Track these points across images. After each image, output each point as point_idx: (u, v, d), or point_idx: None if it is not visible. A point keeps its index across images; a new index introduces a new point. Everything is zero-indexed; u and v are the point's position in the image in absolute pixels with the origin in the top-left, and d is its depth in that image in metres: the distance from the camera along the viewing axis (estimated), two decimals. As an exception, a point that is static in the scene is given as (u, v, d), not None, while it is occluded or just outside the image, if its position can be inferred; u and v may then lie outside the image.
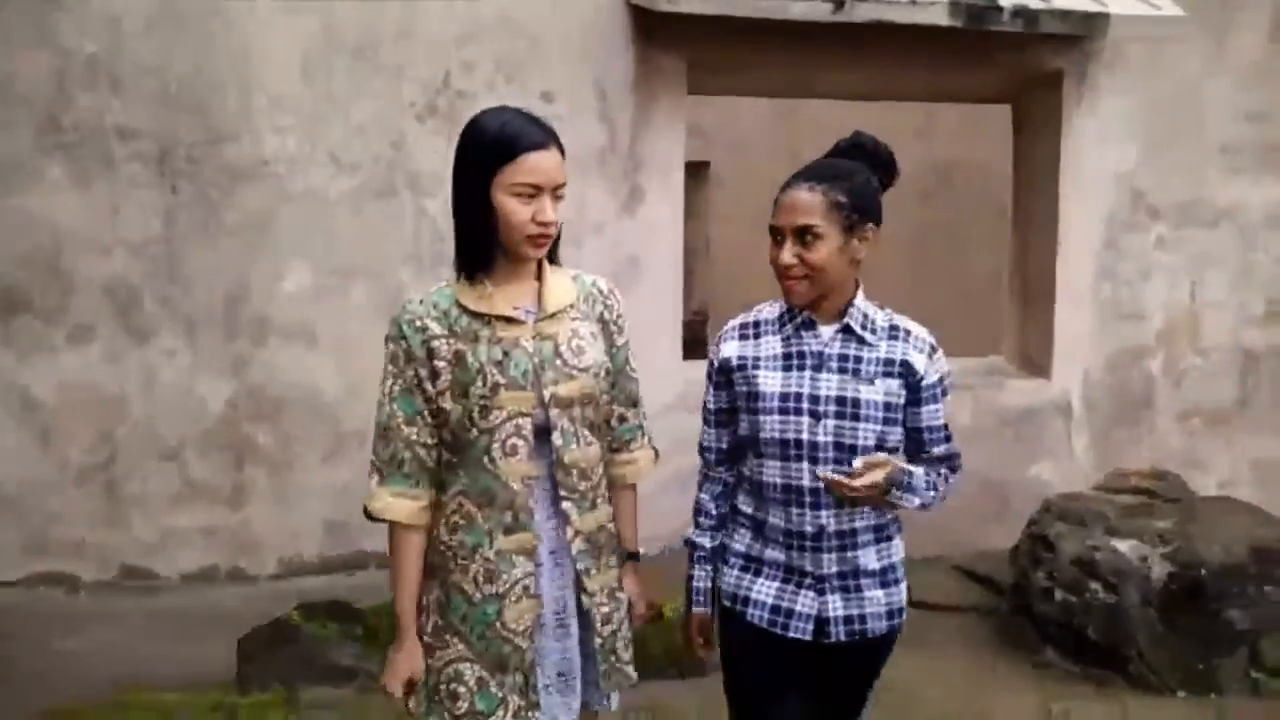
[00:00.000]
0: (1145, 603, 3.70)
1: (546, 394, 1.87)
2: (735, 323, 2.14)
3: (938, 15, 4.62)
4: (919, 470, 2.05)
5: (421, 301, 1.90)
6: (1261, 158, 5.33)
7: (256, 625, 3.63)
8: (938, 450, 2.11)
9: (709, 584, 2.17)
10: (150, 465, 4.44)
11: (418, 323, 1.87)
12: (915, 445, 2.10)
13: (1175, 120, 5.21)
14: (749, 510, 2.11)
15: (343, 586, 4.25)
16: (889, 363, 2.03)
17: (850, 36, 4.64)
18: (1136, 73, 5.14)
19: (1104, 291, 5.18)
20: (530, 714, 1.89)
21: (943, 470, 2.11)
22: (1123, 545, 3.81)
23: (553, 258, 1.96)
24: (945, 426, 2.12)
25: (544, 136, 1.84)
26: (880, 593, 2.07)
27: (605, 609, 1.98)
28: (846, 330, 2.04)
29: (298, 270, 4.49)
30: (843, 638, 2.04)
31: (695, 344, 6.09)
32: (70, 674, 3.63)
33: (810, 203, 1.99)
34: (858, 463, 1.96)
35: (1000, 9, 4.66)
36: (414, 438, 1.87)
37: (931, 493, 2.06)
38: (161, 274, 4.38)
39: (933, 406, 2.08)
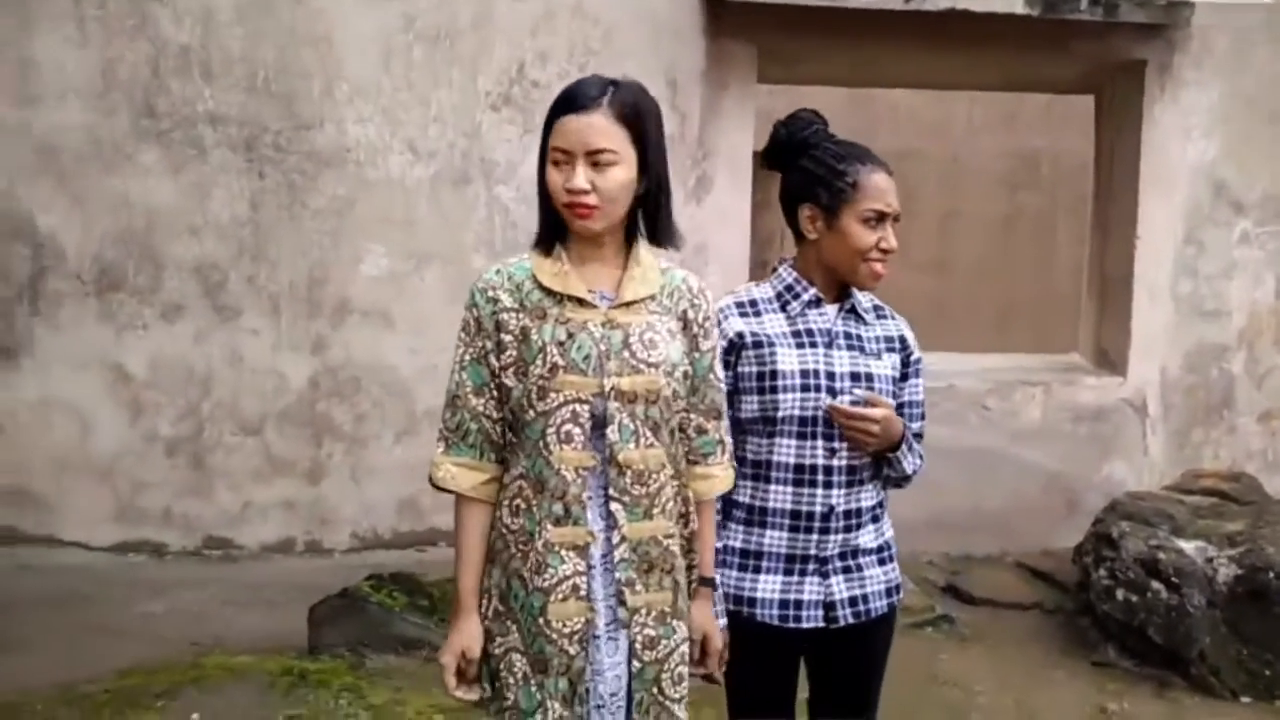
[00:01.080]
0: (1210, 604, 3.64)
1: (607, 384, 1.76)
2: (728, 300, 2.10)
3: (1013, 3, 4.57)
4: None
5: (499, 272, 1.84)
6: (1354, 152, 5.14)
7: (328, 595, 3.77)
8: (916, 425, 2.14)
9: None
10: (234, 439, 4.64)
11: (490, 293, 1.81)
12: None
13: (1262, 112, 5.05)
14: (745, 499, 2.05)
15: (413, 561, 4.39)
16: (889, 339, 2.11)
17: (922, 25, 4.61)
18: (1222, 64, 5.00)
19: (1183, 288, 5.06)
20: None
21: (919, 447, 2.13)
22: (1188, 545, 3.74)
23: (657, 239, 1.85)
24: (923, 403, 2.18)
25: (589, 100, 1.73)
26: (879, 570, 2.10)
27: (650, 632, 1.81)
28: (850, 310, 2.10)
29: (375, 254, 4.64)
30: (850, 619, 2.05)
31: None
32: (149, 636, 3.80)
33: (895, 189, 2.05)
34: (863, 394, 2.00)
35: (1079, -3, 4.58)
36: (481, 409, 1.81)
37: (918, 461, 2.11)
38: (247, 256, 4.57)
39: (916, 381, 2.15)
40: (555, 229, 1.81)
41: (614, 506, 1.78)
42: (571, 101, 1.74)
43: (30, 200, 4.44)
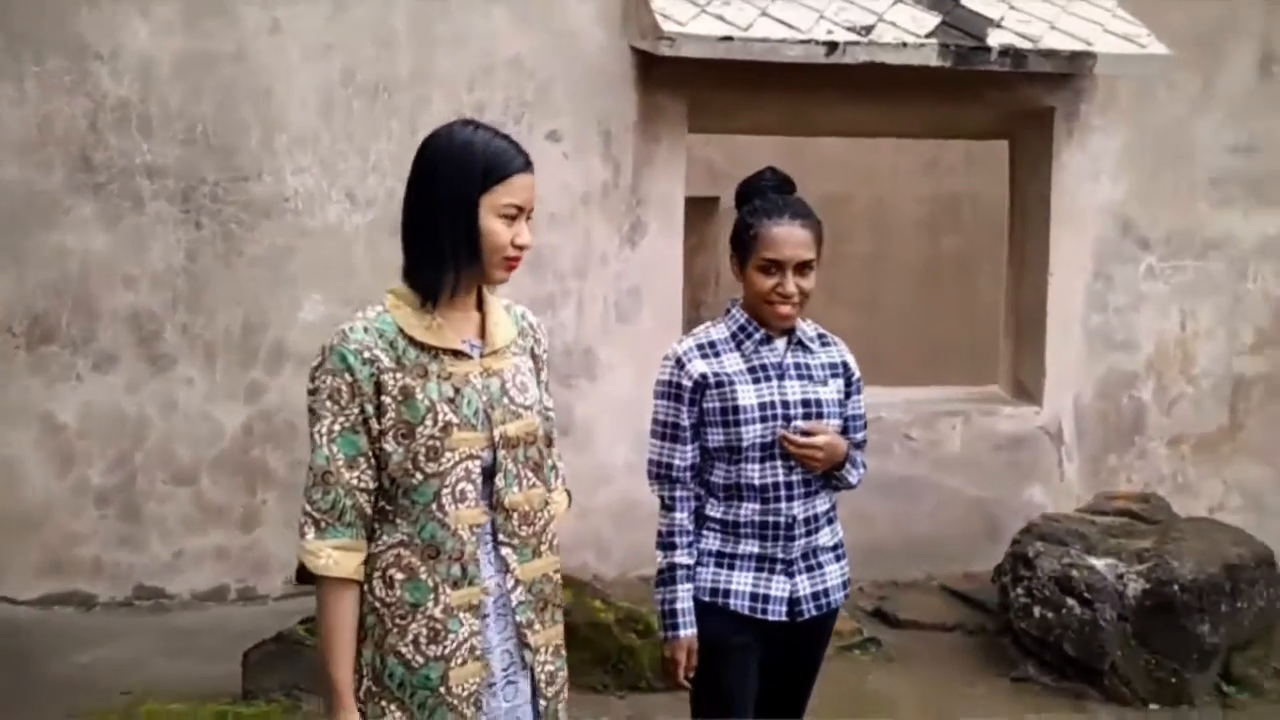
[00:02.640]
0: (1120, 618, 3.81)
1: (496, 434, 1.76)
2: (690, 344, 2.32)
3: (928, 56, 4.80)
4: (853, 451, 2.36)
5: (366, 330, 1.72)
6: (1251, 189, 5.44)
7: (263, 639, 3.78)
8: (858, 436, 2.39)
9: (692, 602, 2.27)
10: (166, 488, 4.64)
11: (366, 354, 1.70)
12: (843, 433, 2.36)
13: (1164, 154, 5.34)
14: (718, 514, 2.28)
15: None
16: (833, 365, 2.36)
17: (845, 77, 4.83)
18: (1126, 109, 5.29)
19: (1094, 321, 5.31)
20: None
21: (860, 456, 2.38)
22: (1099, 563, 3.93)
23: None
24: (864, 416, 2.42)
25: (527, 157, 1.78)
26: (836, 566, 2.36)
27: (550, 668, 1.85)
28: (797, 343, 2.33)
29: (313, 301, 4.72)
30: (813, 613, 2.29)
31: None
32: (80, 687, 3.77)
33: (807, 239, 2.26)
34: (804, 425, 2.24)
35: (989, 49, 4.82)
36: (355, 483, 1.70)
37: (861, 470, 2.37)
38: (183, 305, 4.62)
39: (858, 398, 2.41)
40: (446, 283, 1.73)
41: (504, 551, 1.78)
42: (519, 158, 1.76)
43: (-38, 256, 4.46)
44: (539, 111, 4.83)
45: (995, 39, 4.77)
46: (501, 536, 1.79)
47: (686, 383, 2.26)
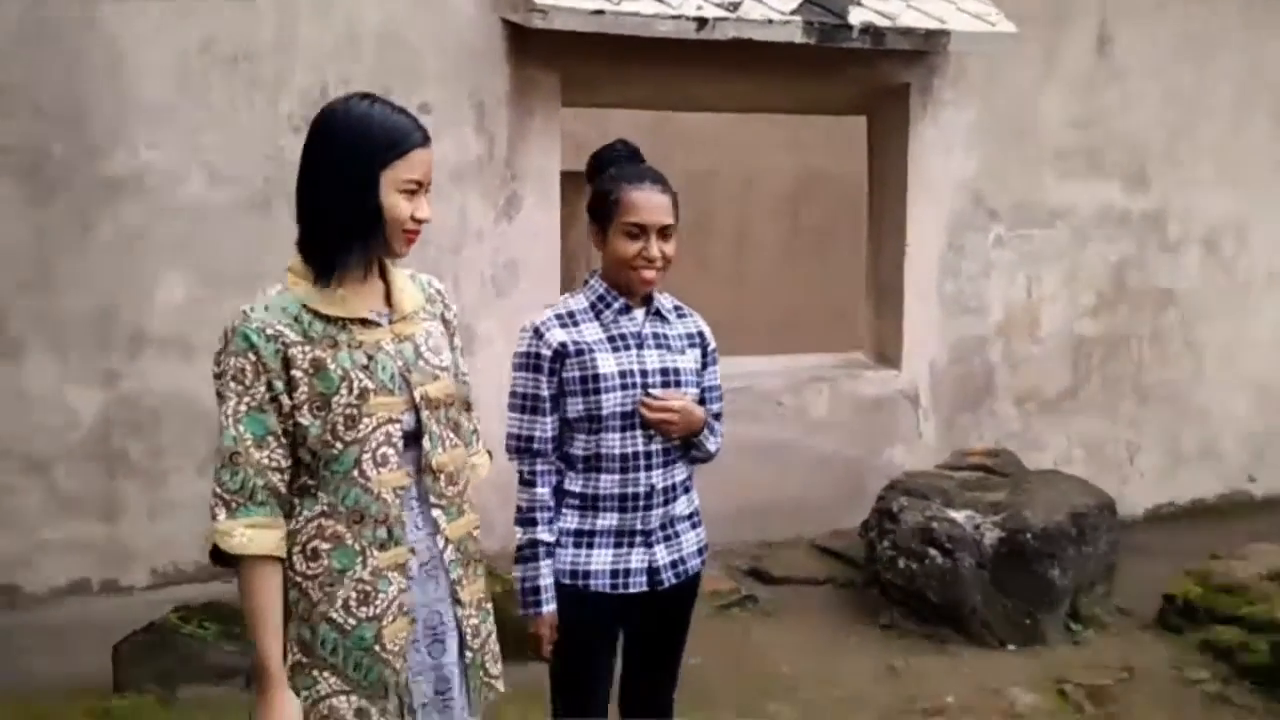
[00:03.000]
0: (979, 566, 4.08)
1: (417, 395, 1.80)
2: (549, 315, 2.31)
3: (793, 33, 4.95)
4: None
5: (267, 308, 1.74)
6: (1090, 162, 5.83)
7: (133, 630, 3.66)
8: (716, 407, 2.45)
9: (553, 579, 2.28)
10: (18, 479, 4.41)
11: (269, 330, 1.71)
12: (700, 403, 2.41)
13: (1011, 128, 5.66)
14: (577, 489, 2.29)
15: (219, 594, 4.25)
16: (690, 336, 2.41)
17: (713, 53, 4.93)
18: (976, 85, 5.58)
19: (948, 288, 5.61)
20: None
21: (719, 426, 2.45)
22: (958, 515, 4.19)
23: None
24: (720, 387, 2.48)
25: (425, 132, 1.79)
26: (692, 534, 2.42)
27: (474, 621, 1.91)
28: (655, 313, 2.37)
29: (173, 282, 4.54)
30: (672, 580, 2.34)
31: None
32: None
33: (668, 204, 2.30)
34: (660, 393, 2.28)
35: (850, 27, 5.01)
36: (266, 462, 1.70)
37: (719, 439, 2.42)
38: (33, 288, 4.38)
39: (714, 369, 2.46)
40: (346, 257, 1.75)
41: (435, 512, 1.83)
42: (418, 133, 1.77)
43: None
44: (408, 84, 4.74)
45: (856, 17, 4.96)
46: (432, 498, 1.84)
47: (545, 352, 2.26)
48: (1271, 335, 6.16)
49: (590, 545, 2.29)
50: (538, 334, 2.27)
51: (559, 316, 2.30)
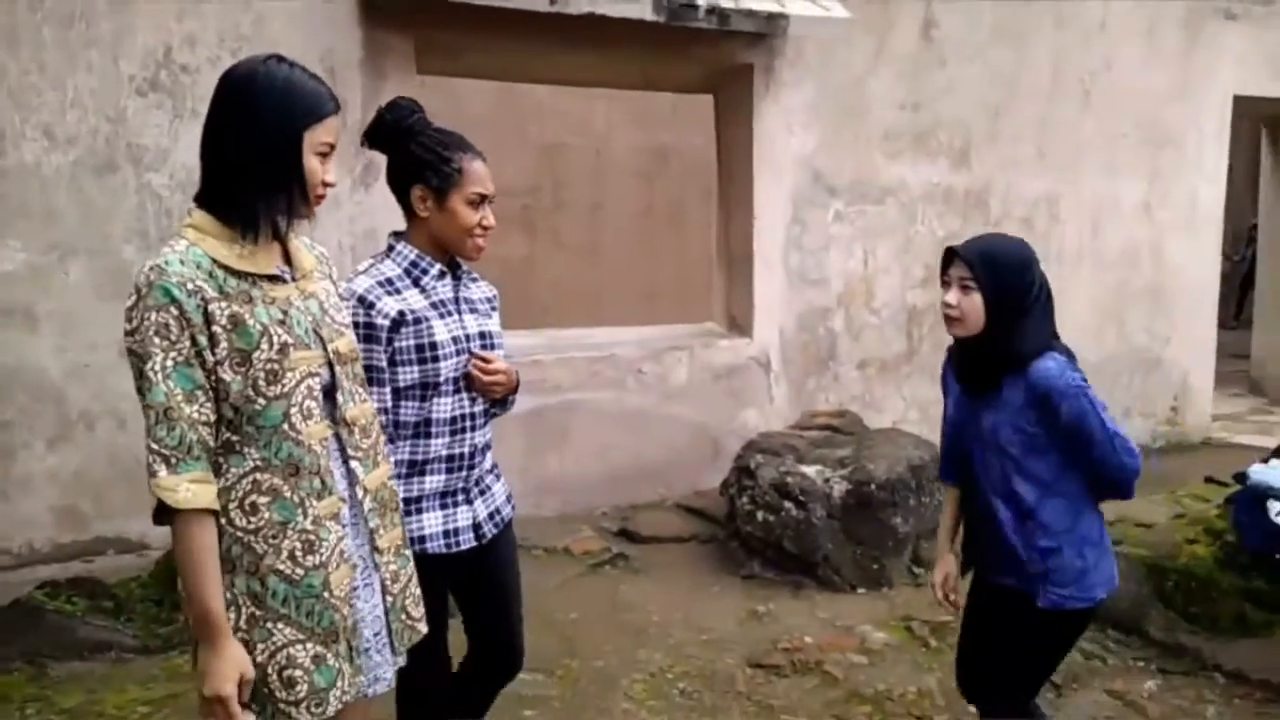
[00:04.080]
0: (829, 516, 4.37)
1: (330, 350, 1.84)
2: (368, 282, 2.25)
3: (643, 10, 5.09)
4: None
5: (182, 262, 1.71)
6: (915, 143, 6.25)
7: (-6, 610, 3.52)
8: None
9: None
10: None
11: (189, 285, 1.69)
12: None
13: (845, 109, 6.00)
14: (405, 456, 2.28)
15: (80, 573, 4.13)
16: (489, 299, 2.46)
17: (565, 26, 5.02)
18: (813, 67, 5.87)
19: (793, 260, 5.91)
20: (358, 679, 1.86)
21: None
22: (810, 470, 4.48)
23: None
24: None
25: (336, 100, 1.86)
26: (499, 485, 2.49)
27: (394, 567, 1.97)
28: (458, 278, 2.39)
29: (11, 249, 4.30)
30: (493, 531, 2.41)
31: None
32: None
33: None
34: (481, 355, 2.34)
35: (697, 7, 5.20)
36: (197, 416, 1.69)
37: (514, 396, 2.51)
38: None
39: (501, 327, 2.49)
40: (266, 212, 1.78)
41: (353, 464, 1.89)
42: (333, 101, 1.82)
43: None
44: (255, 45, 4.62)
45: (703, -1, 5.14)
46: (350, 450, 1.89)
47: (381, 322, 2.21)
48: (1083, 307, 6.80)
49: (419, 510, 2.30)
50: (367, 305, 2.21)
51: (381, 284, 2.25)
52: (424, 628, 2.06)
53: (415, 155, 2.29)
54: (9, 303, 4.30)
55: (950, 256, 2.40)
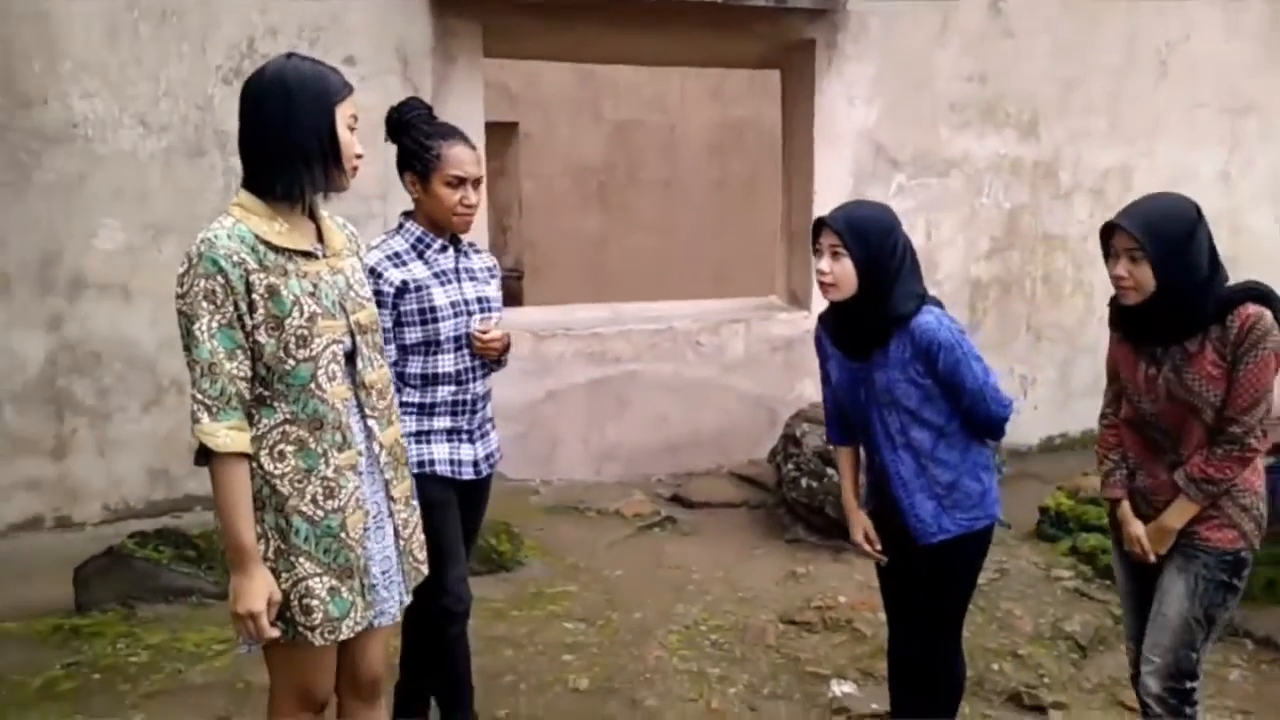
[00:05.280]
0: (872, 483, 4.47)
1: (352, 321, 2.07)
2: (378, 255, 2.60)
3: (701, -11, 5.22)
4: None
5: (229, 236, 1.92)
6: (982, 114, 6.21)
7: (92, 556, 3.88)
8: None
9: None
10: (-31, 421, 4.58)
11: (234, 257, 1.91)
12: None
13: (909, 82, 6.00)
14: (415, 400, 2.66)
15: (168, 526, 4.51)
16: (488, 268, 2.81)
17: (630, 8, 5.17)
18: (875, 41, 5.89)
19: (854, 233, 5.95)
20: (368, 612, 2.10)
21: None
22: (854, 438, 4.57)
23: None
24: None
25: (350, 85, 2.07)
26: (494, 434, 2.87)
27: (404, 515, 2.22)
28: (460, 251, 2.73)
29: (110, 228, 4.70)
30: (486, 471, 2.80)
31: (511, 300, 6.56)
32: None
33: (477, 158, 2.68)
34: (480, 322, 2.69)
35: (755, -15, 5.30)
36: (236, 372, 1.92)
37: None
38: (-27, 236, 4.52)
39: (499, 293, 2.85)
40: (307, 182, 1.98)
41: (370, 422, 2.13)
42: (349, 85, 2.04)
43: None
44: (333, 35, 4.93)
45: (761, -24, 5.23)
46: (367, 410, 2.13)
47: (387, 289, 2.57)
48: (1151, 276, 6.65)
49: (429, 441, 2.67)
50: (376, 275, 2.55)
51: (390, 258, 2.61)
52: (426, 569, 2.32)
53: (405, 146, 2.65)
54: (108, 279, 4.71)
55: (820, 226, 2.55)
